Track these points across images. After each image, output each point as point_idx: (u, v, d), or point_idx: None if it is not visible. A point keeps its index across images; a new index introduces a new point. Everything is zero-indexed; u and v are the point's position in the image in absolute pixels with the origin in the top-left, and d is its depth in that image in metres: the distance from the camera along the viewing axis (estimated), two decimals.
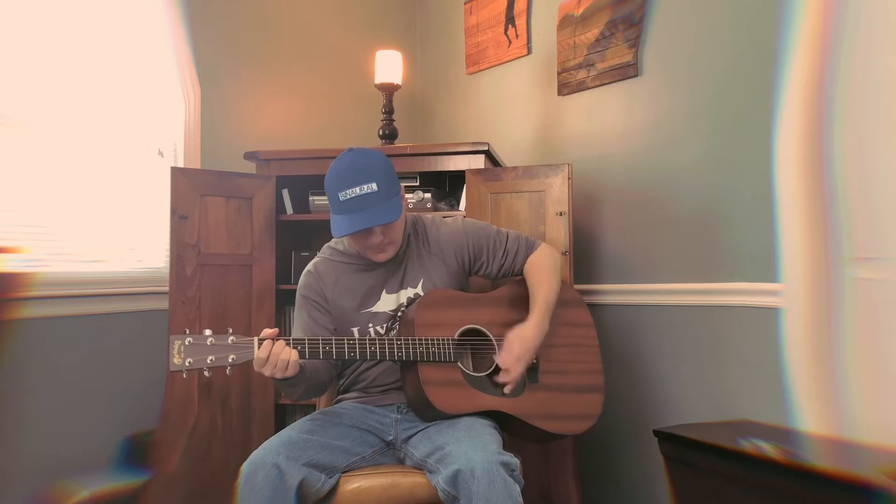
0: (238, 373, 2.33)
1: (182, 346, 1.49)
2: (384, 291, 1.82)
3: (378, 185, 1.66)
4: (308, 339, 1.59)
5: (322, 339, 1.61)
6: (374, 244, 1.72)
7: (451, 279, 1.86)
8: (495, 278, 1.96)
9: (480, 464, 1.46)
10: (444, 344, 1.71)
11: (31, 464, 2.15)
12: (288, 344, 1.55)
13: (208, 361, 1.50)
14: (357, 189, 1.65)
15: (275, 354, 1.53)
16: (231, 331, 1.54)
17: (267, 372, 1.53)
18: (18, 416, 2.12)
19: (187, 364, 1.48)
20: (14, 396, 2.11)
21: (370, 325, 1.81)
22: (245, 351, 1.53)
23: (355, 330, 1.81)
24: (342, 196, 1.66)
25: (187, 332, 1.51)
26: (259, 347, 1.53)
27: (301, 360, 1.58)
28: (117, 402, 2.39)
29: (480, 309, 1.82)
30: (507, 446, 1.69)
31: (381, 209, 1.66)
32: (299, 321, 1.83)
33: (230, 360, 1.51)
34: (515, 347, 1.72)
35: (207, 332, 1.51)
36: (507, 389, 1.73)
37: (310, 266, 1.87)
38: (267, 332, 1.55)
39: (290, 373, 1.55)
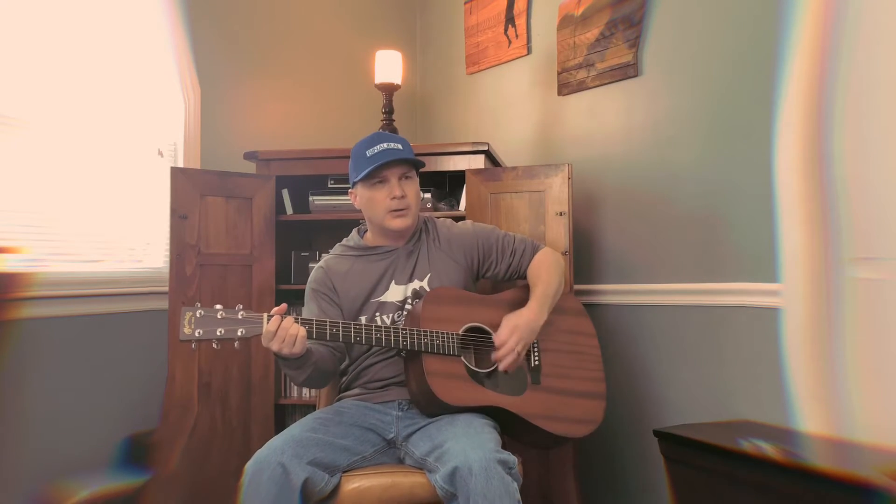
0: (238, 372, 2.33)
1: (192, 317, 1.50)
2: (393, 282, 1.85)
3: (403, 147, 1.83)
4: (316, 320, 1.62)
5: (329, 322, 1.63)
6: (396, 198, 1.79)
7: (458, 277, 1.89)
8: (502, 279, 1.98)
9: (478, 461, 1.47)
10: (448, 337, 1.73)
11: (31, 464, 2.15)
12: (296, 321, 1.57)
13: (217, 333, 1.51)
14: (384, 144, 1.81)
15: (283, 328, 1.54)
16: (241, 306, 1.55)
17: (275, 346, 1.54)
18: (19, 415, 2.12)
19: (197, 335, 1.50)
20: (14, 396, 2.11)
21: (377, 313, 1.83)
22: (254, 325, 1.54)
23: (363, 319, 1.84)
24: (369, 153, 1.80)
25: (198, 304, 1.52)
26: (268, 322, 1.54)
27: (308, 343, 1.60)
28: (117, 402, 2.39)
29: (485, 309, 1.84)
30: (506, 446, 1.70)
31: (404, 156, 1.81)
32: (308, 312, 1.86)
33: (239, 334, 1.53)
34: (509, 323, 1.75)
35: (218, 305, 1.53)
36: (501, 366, 1.74)
37: (320, 262, 1.92)
38: (276, 308, 1.56)
39: (297, 349, 1.55)
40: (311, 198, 2.52)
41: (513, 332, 1.74)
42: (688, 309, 2.28)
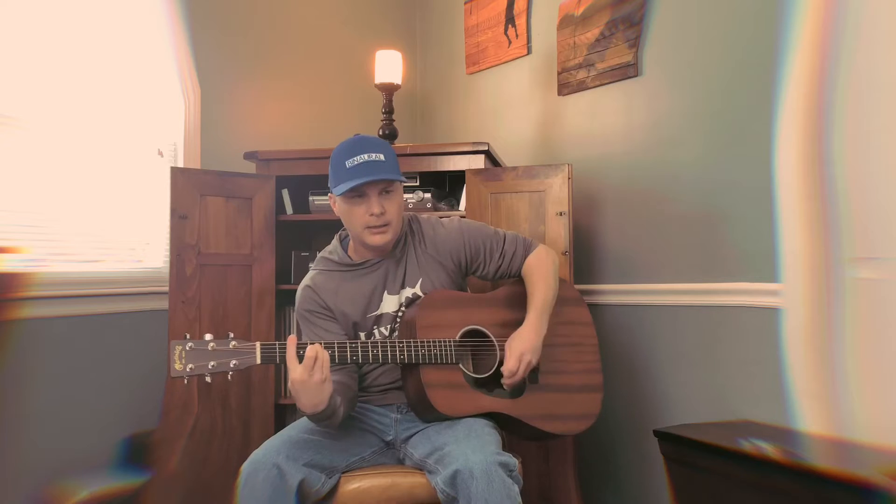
0: (238, 373, 2.32)
1: (183, 352, 1.47)
2: (385, 293, 1.81)
3: (385, 157, 1.72)
4: (309, 344, 1.55)
5: (324, 343, 1.59)
6: (374, 215, 1.71)
7: (449, 280, 1.86)
8: (492, 280, 1.95)
9: (479, 464, 1.46)
10: (445, 346, 1.70)
11: (31, 464, 2.15)
12: (301, 350, 1.51)
13: (209, 367, 1.48)
14: (365, 156, 1.70)
15: (319, 357, 1.49)
16: (232, 335, 1.52)
17: (316, 376, 1.48)
18: (18, 415, 2.12)
19: (188, 370, 1.47)
20: (14, 396, 2.11)
21: (375, 327, 1.81)
22: (247, 356, 1.52)
23: (362, 334, 1.81)
24: (349, 163, 1.70)
25: (187, 336, 1.49)
26: (296, 356, 1.49)
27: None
28: (117, 402, 2.39)
29: (481, 309, 1.82)
30: (507, 445, 1.70)
31: (386, 173, 1.70)
32: (312, 336, 1.79)
33: (232, 366, 1.50)
34: (515, 350, 1.72)
35: (208, 336, 1.50)
36: (506, 386, 1.73)
37: (306, 281, 1.84)
38: (289, 339, 1.52)
39: (327, 374, 1.50)
40: (311, 198, 2.52)
41: (520, 360, 1.70)
42: (688, 309, 2.28)
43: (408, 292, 1.82)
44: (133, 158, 2.53)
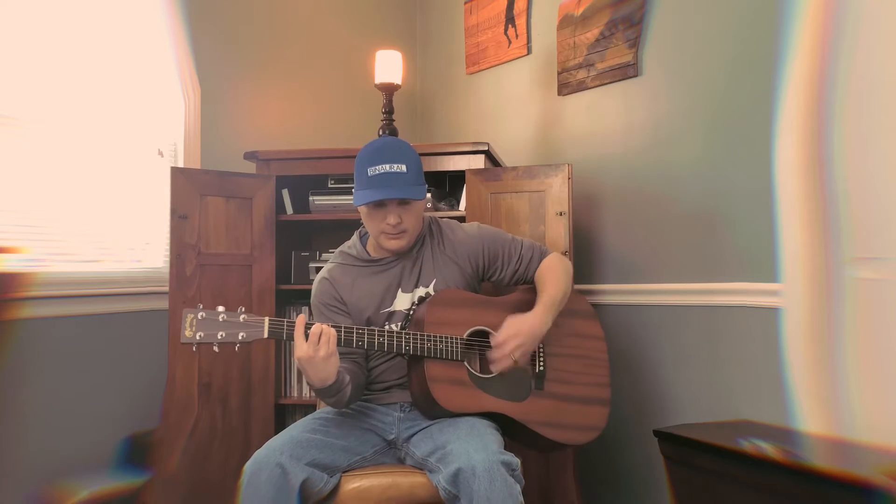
0: (238, 372, 2.33)
1: (194, 320, 1.50)
2: (400, 290, 1.83)
3: (407, 168, 1.72)
4: (316, 326, 1.56)
5: (332, 325, 1.59)
6: (390, 224, 1.73)
7: (464, 282, 1.87)
8: (507, 285, 1.96)
9: (482, 463, 1.47)
10: (452, 342, 1.71)
11: (31, 464, 2.15)
12: (308, 329, 1.54)
13: (219, 336, 1.51)
14: (387, 166, 1.70)
15: (324, 333, 1.52)
16: (243, 308, 1.55)
17: (322, 352, 1.52)
18: (18, 415, 2.12)
19: (198, 338, 1.50)
20: (14, 396, 2.11)
21: (387, 323, 1.82)
22: (255, 329, 1.54)
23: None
24: (371, 171, 1.71)
25: (200, 306, 1.52)
26: (303, 334, 1.52)
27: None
28: (117, 402, 2.39)
29: (491, 311, 1.82)
30: (507, 447, 1.70)
31: (405, 188, 1.71)
32: None
33: (240, 338, 1.53)
34: (511, 327, 1.71)
35: (220, 308, 1.53)
36: (493, 367, 1.71)
37: (323, 273, 1.87)
38: (298, 319, 1.54)
39: (330, 366, 1.54)
40: (311, 198, 2.52)
41: (513, 336, 1.70)
42: (688, 309, 2.28)
43: (421, 291, 1.83)
44: (133, 158, 2.53)
